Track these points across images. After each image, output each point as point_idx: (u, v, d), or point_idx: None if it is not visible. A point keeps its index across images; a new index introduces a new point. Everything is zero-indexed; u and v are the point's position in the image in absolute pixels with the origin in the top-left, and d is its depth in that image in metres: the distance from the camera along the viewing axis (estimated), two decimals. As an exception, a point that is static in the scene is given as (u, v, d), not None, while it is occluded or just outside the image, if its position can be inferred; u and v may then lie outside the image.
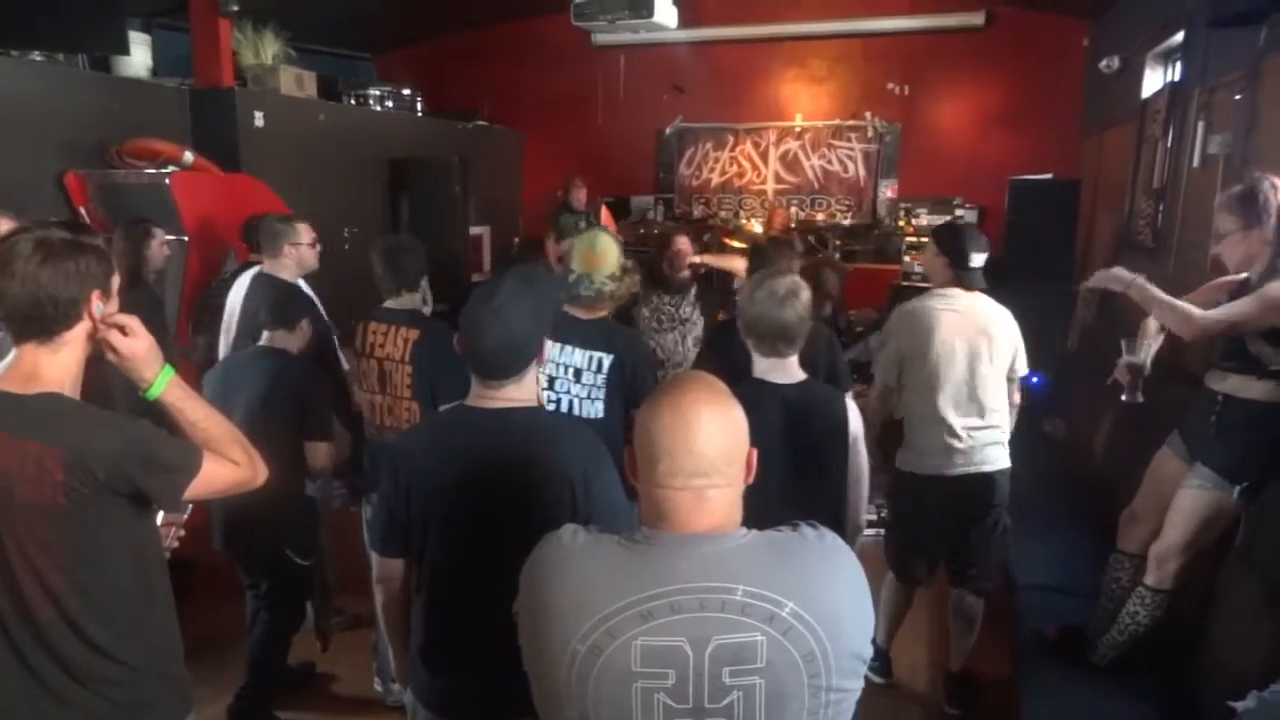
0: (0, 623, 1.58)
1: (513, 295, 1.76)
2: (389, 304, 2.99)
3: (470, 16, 8.68)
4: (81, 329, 1.60)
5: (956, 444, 2.98)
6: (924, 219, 8.24)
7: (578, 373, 2.76)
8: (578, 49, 8.66)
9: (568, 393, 2.77)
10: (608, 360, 2.74)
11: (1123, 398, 2.87)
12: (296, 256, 3.64)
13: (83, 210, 4.69)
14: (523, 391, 1.81)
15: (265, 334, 3.04)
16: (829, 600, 1.19)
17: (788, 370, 2.34)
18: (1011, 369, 3.06)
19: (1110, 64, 6.00)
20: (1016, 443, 3.18)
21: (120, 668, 1.63)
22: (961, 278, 3.03)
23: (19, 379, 1.57)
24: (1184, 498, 2.55)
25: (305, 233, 3.67)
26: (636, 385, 2.72)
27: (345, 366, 3.54)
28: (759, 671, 1.15)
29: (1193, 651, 2.55)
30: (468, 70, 8.93)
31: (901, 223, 8.38)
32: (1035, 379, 6.27)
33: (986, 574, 3.19)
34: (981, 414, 3.01)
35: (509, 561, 1.33)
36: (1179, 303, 2.53)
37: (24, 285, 1.52)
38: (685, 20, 5.72)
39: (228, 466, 1.70)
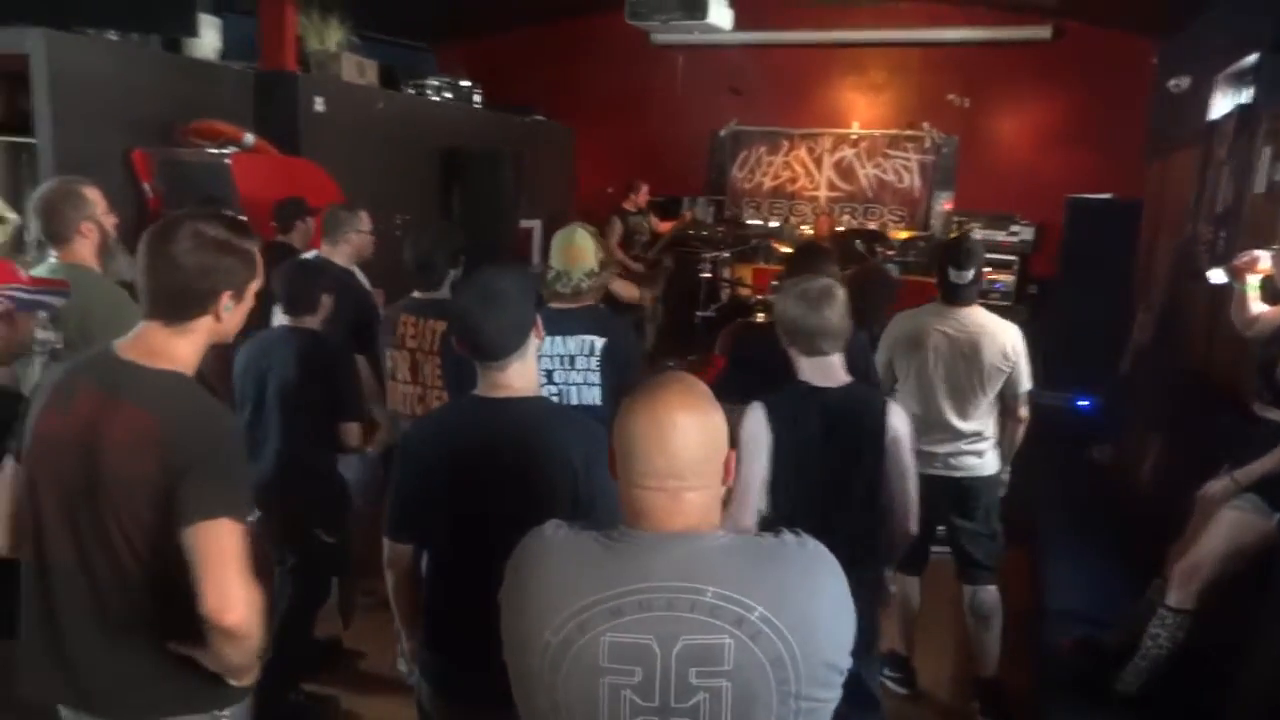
0: (96, 590, 1.61)
1: (495, 277, 1.86)
2: (417, 295, 3.04)
3: (530, 12, 8.75)
4: (207, 321, 1.65)
5: (924, 449, 2.95)
6: (979, 234, 8.10)
7: (572, 359, 2.81)
8: (637, 47, 8.66)
9: (565, 382, 2.83)
10: (600, 343, 2.79)
11: (1208, 273, 2.97)
12: (357, 243, 3.72)
13: (146, 186, 4.83)
14: (526, 375, 1.87)
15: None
16: (802, 608, 1.19)
17: (830, 373, 2.33)
18: (1010, 385, 3.04)
19: (1179, 84, 5.84)
20: (1055, 467, 3.12)
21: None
22: (945, 293, 3.10)
23: (141, 351, 1.62)
24: (1223, 517, 2.59)
25: (366, 221, 3.75)
26: (629, 369, 2.80)
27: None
28: (726, 674, 1.16)
29: (1224, 687, 2.49)
30: (525, 65, 8.98)
31: (954, 235, 8.25)
32: (1086, 403, 6.10)
33: (983, 570, 3.17)
34: (957, 431, 3.05)
35: (511, 546, 1.36)
36: None
37: (168, 266, 1.58)
38: (743, 23, 5.69)
39: (232, 571, 1.53)
